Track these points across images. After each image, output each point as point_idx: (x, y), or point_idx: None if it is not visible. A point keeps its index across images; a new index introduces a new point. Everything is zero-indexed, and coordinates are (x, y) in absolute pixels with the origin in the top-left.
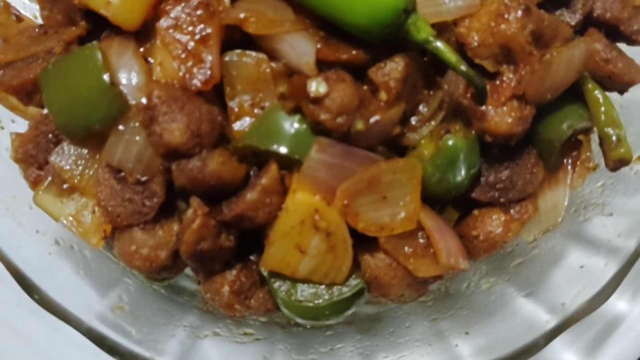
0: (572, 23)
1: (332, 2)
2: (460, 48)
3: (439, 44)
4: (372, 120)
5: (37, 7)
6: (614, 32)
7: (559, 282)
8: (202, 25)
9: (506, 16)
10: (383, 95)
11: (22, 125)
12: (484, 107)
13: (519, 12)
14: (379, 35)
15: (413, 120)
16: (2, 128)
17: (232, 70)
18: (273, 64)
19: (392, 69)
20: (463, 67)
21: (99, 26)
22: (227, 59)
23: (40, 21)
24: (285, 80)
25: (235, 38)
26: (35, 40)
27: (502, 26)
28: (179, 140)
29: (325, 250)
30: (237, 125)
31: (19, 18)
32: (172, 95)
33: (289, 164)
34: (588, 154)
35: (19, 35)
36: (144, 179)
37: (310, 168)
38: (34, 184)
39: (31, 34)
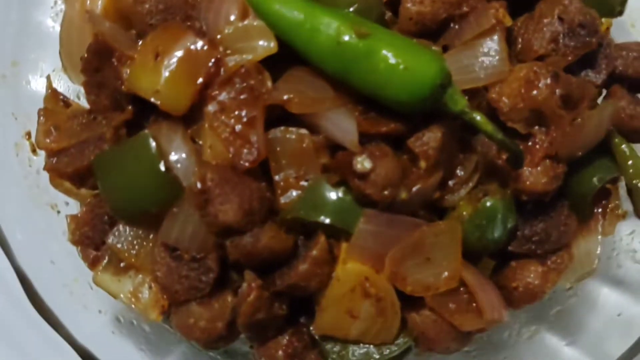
0: (598, 82)
1: (372, 79)
2: (493, 112)
3: (475, 114)
4: (414, 189)
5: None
6: (636, 85)
7: (599, 330)
8: (247, 109)
9: (536, 82)
10: (422, 164)
11: (74, 207)
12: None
13: (549, 79)
14: (418, 109)
15: (451, 183)
16: (59, 212)
17: (276, 146)
18: (314, 138)
19: (430, 138)
20: (499, 136)
21: (145, 109)
22: (271, 135)
23: (84, 101)
24: (327, 152)
25: (277, 113)
26: (85, 127)
27: (533, 92)
28: (233, 219)
29: (376, 314)
30: (284, 198)
31: (67, 103)
32: (224, 176)
33: (336, 233)
34: (617, 202)
35: (69, 122)
36: (199, 256)
37: (359, 239)
38: (93, 264)
39: (81, 121)
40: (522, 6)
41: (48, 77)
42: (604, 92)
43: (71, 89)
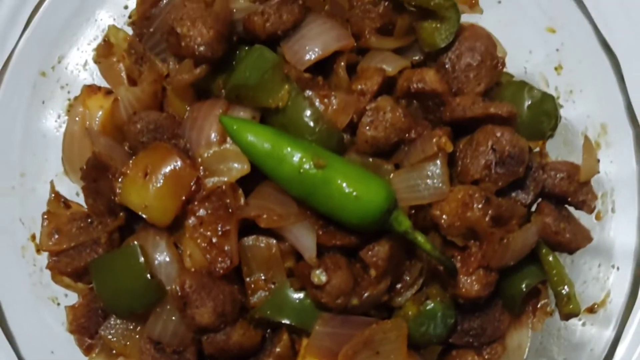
0: (527, 202)
1: (329, 204)
2: (435, 224)
3: (417, 235)
4: (364, 295)
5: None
6: (563, 200)
7: None
8: (222, 223)
9: (471, 206)
10: (373, 273)
11: (73, 298)
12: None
13: (481, 204)
14: (368, 229)
15: (398, 286)
16: (58, 304)
17: (248, 252)
18: (281, 245)
19: (379, 251)
20: (436, 254)
21: (135, 216)
22: (244, 243)
23: (82, 199)
24: (293, 257)
25: (250, 221)
26: (83, 230)
27: (468, 214)
28: (208, 321)
29: None
30: (253, 298)
31: (67, 205)
32: (201, 282)
33: (298, 330)
34: (546, 300)
35: (69, 225)
36: (179, 349)
37: (316, 339)
38: (87, 350)
39: (79, 224)
40: (464, 130)
41: (51, 183)
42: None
43: (72, 186)
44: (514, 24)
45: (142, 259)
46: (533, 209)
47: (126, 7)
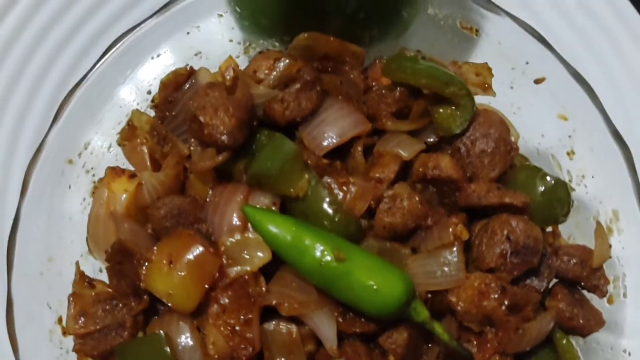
0: (541, 289)
1: (349, 295)
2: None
3: (434, 325)
4: None
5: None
6: (575, 285)
7: None
8: (244, 311)
9: (487, 295)
10: (392, 359)
11: None
12: None
13: (497, 294)
14: (387, 318)
15: None
16: None
17: (269, 337)
18: (302, 329)
19: (398, 338)
20: (454, 344)
21: (159, 299)
22: (265, 328)
23: (105, 275)
24: (313, 341)
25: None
26: (108, 313)
27: (484, 303)
28: None
29: None
30: None
31: (91, 284)
32: None
33: None
34: None
35: (94, 307)
36: None
37: None
38: None
39: (105, 306)
40: (479, 213)
41: (77, 263)
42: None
43: (96, 264)
44: (526, 109)
45: (167, 348)
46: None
47: (149, 92)
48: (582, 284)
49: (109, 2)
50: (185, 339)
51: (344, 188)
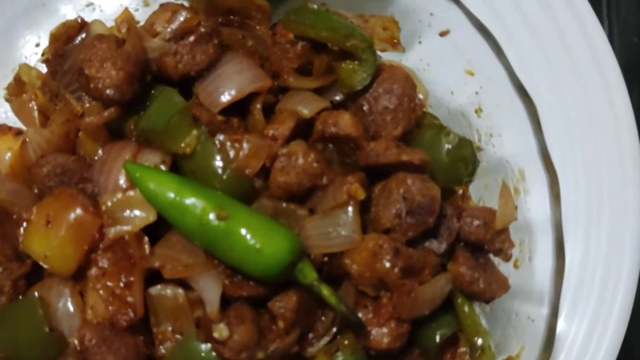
0: (440, 252)
1: (232, 256)
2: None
3: (322, 288)
4: (271, 348)
5: None
6: (480, 246)
7: None
8: (125, 274)
9: (380, 257)
10: (280, 324)
11: None
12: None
13: (390, 256)
14: (273, 281)
15: (310, 336)
16: None
17: (154, 302)
18: (190, 294)
19: (287, 301)
20: (342, 308)
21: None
22: (150, 292)
23: None
24: (202, 307)
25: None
26: None
27: (377, 265)
28: None
29: None
30: (160, 349)
31: None
32: (102, 335)
33: None
34: (465, 348)
35: None
36: None
37: None
38: None
39: None
40: (382, 174)
41: None
42: None
43: None
44: (435, 65)
45: (40, 311)
46: None
47: (38, 45)
48: (486, 247)
49: None
50: (64, 304)
51: (237, 145)
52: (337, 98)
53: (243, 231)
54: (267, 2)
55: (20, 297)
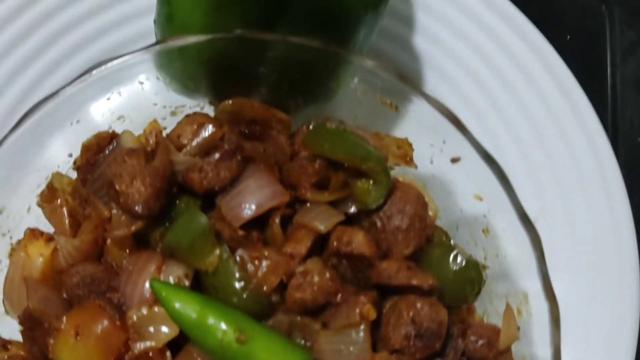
0: None
1: None
2: None
3: None
4: None
5: None
6: None
7: None
8: None
9: None
10: None
11: None
12: None
13: None
14: None
15: None
16: None
17: None
18: None
19: None
20: None
21: None
22: None
23: None
24: None
25: None
26: None
27: None
28: None
29: None
30: None
31: (5, 346)
32: None
33: None
34: None
35: None
36: None
37: None
38: None
39: None
40: (392, 291)
41: None
42: None
43: (14, 325)
44: (447, 184)
45: None
46: None
47: (70, 156)
48: None
49: (27, 69)
50: None
51: (256, 262)
52: (352, 211)
53: (262, 354)
54: (287, 114)
55: None
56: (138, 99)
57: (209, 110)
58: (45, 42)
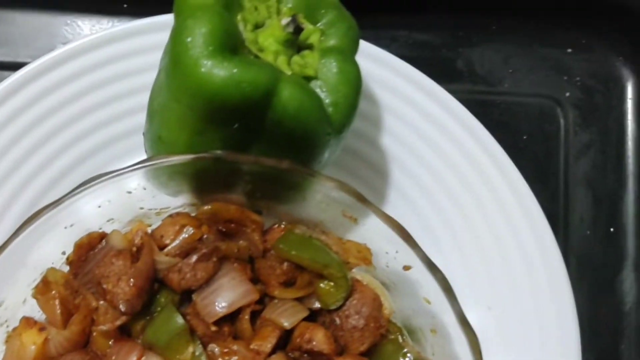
0: None
1: None
2: None
3: None
4: None
5: None
6: None
7: None
8: None
9: None
10: None
11: None
12: None
13: None
14: None
15: None
16: None
17: None
18: None
19: None
20: None
21: None
22: None
23: None
24: None
25: None
26: None
27: None
28: None
29: None
30: None
31: None
32: None
33: None
34: None
35: None
36: None
37: None
38: None
39: None
40: None
41: None
42: None
43: None
44: (401, 286)
45: None
46: None
47: (64, 253)
48: None
49: (30, 185)
50: None
51: (226, 358)
52: (315, 306)
53: None
54: (260, 214)
55: None
56: (126, 204)
57: (191, 210)
58: (48, 158)
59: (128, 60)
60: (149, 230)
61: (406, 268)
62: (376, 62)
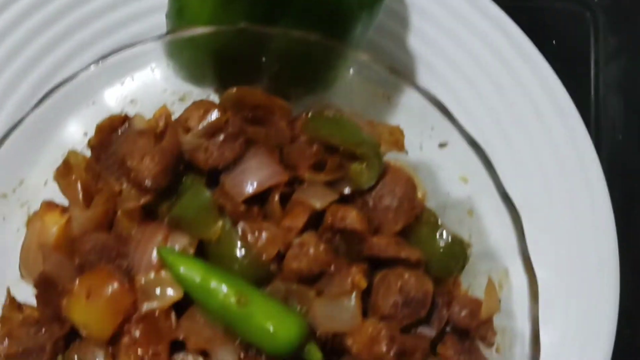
0: (431, 337)
1: (249, 337)
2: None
3: None
4: None
5: None
6: (466, 334)
7: None
8: (154, 344)
9: (377, 341)
10: None
11: None
12: None
13: (386, 341)
14: (283, 358)
15: None
16: None
17: None
18: None
19: None
20: None
21: None
22: (174, 358)
23: None
24: None
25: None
26: (32, 336)
27: (375, 347)
28: None
29: None
30: None
31: (20, 308)
32: None
33: None
34: None
35: (20, 329)
36: None
37: None
38: None
39: (29, 330)
40: (382, 263)
41: (8, 289)
42: None
43: (29, 291)
44: (435, 169)
45: None
46: None
47: (85, 134)
48: (472, 333)
49: (50, 54)
50: None
51: (256, 233)
52: (346, 191)
53: (260, 316)
54: (287, 101)
55: (60, 356)
56: (149, 84)
57: (215, 98)
58: (63, 33)
59: None
60: (173, 119)
61: (442, 145)
62: None
